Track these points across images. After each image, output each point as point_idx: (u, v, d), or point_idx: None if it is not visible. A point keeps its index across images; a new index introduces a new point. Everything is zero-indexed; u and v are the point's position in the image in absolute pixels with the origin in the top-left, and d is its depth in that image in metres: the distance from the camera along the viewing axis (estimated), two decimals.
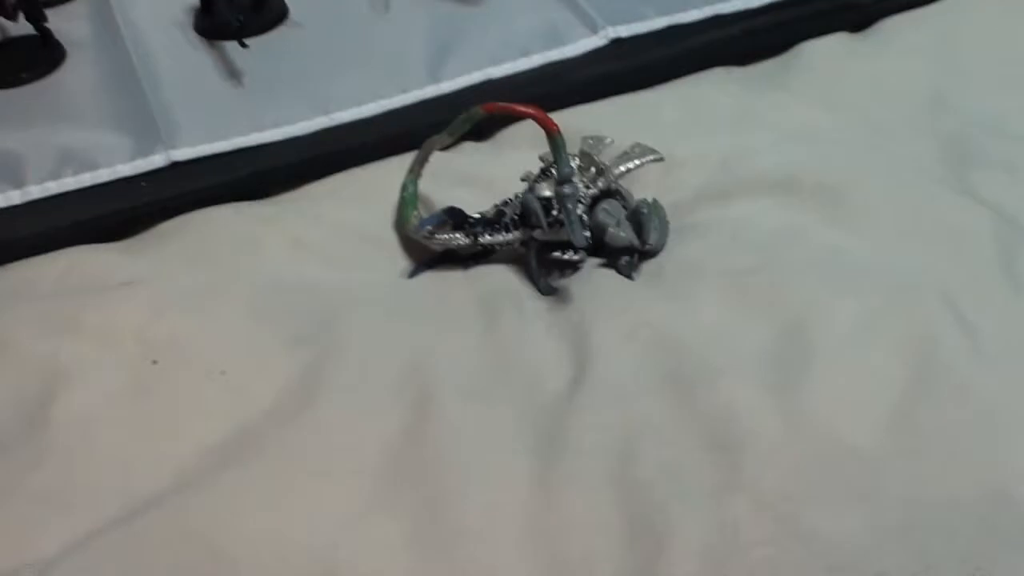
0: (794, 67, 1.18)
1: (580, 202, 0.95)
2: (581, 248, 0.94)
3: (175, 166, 1.09)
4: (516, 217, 0.97)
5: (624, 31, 1.20)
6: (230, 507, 0.80)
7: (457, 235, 0.97)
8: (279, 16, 1.27)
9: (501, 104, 0.95)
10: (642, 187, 1.03)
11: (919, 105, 1.12)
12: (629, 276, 0.96)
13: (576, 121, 1.09)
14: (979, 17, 1.22)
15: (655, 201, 0.99)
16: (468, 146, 1.08)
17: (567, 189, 0.91)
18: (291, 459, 0.83)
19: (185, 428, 0.86)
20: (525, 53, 1.18)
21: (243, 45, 1.16)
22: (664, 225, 0.98)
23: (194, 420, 0.86)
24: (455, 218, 0.98)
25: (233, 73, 1.18)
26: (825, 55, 1.19)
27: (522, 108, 0.92)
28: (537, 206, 0.94)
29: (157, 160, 1.09)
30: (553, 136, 0.91)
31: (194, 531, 0.78)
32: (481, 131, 1.11)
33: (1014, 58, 1.17)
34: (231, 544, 0.78)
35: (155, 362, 0.90)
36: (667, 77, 1.18)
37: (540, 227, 0.95)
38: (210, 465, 0.83)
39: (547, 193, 0.96)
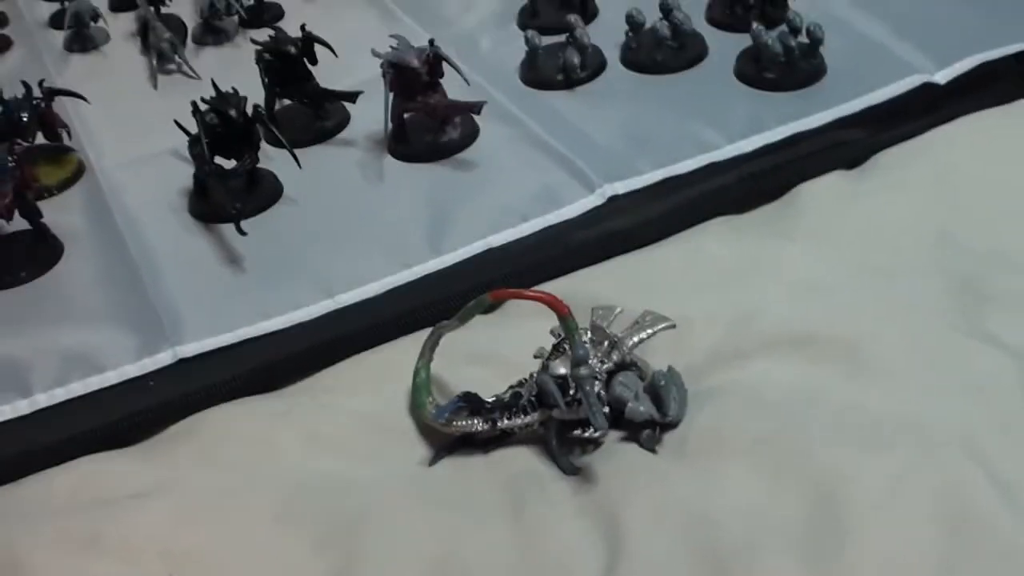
0: (793, 211, 1.18)
1: (596, 379, 0.94)
2: (600, 430, 0.93)
3: (181, 363, 1.08)
4: (533, 398, 0.96)
5: (621, 187, 1.20)
6: None
7: (475, 421, 0.96)
8: (274, 195, 1.27)
9: (510, 291, 0.95)
10: (652, 352, 1.02)
11: (924, 244, 1.11)
12: (652, 450, 0.95)
13: (580, 286, 1.09)
14: (974, 146, 1.22)
15: (671, 369, 0.98)
16: (477, 320, 1.07)
17: (583, 371, 0.91)
18: None
19: None
20: (524, 218, 1.18)
21: (241, 232, 1.16)
22: (683, 393, 0.97)
23: None
24: (471, 403, 0.97)
25: (233, 259, 1.18)
26: (823, 196, 1.19)
27: (532, 294, 0.91)
28: (553, 387, 0.94)
29: (164, 358, 1.08)
30: (565, 320, 0.91)
31: None
32: None
33: (1013, 188, 1.16)
34: None
35: None
36: (667, 231, 1.18)
37: (558, 407, 0.94)
38: None
39: (562, 371, 0.95)
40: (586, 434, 0.95)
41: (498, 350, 1.06)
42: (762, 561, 0.84)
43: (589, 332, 0.99)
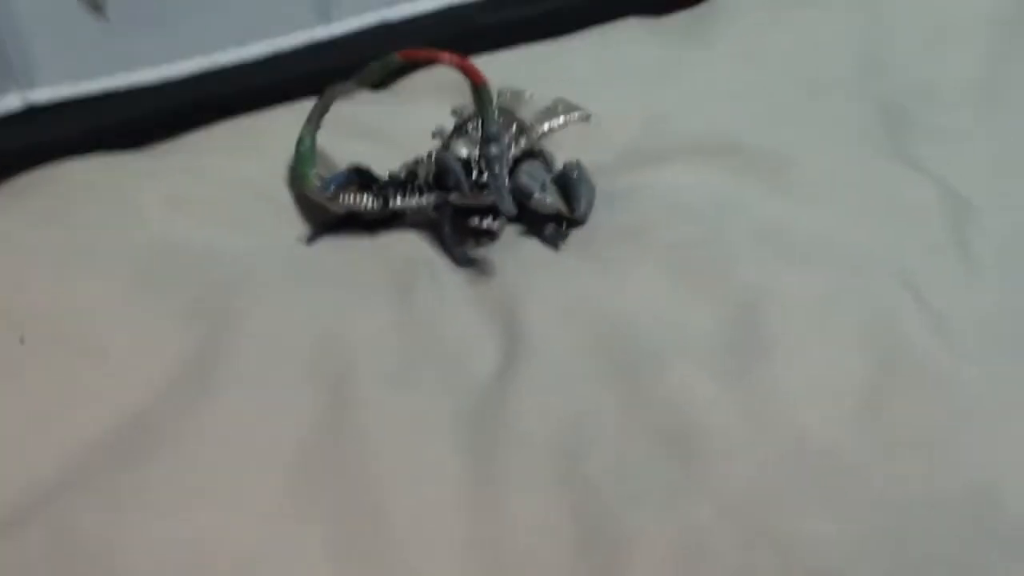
0: (712, 20, 1.11)
1: (505, 161, 0.85)
2: (508, 216, 0.84)
3: (32, 110, 0.96)
4: (430, 179, 0.87)
5: None
6: (124, 512, 0.69)
7: (365, 197, 0.87)
8: None
9: (421, 51, 0.85)
10: (558, 146, 0.94)
11: (850, 65, 1.06)
12: (555, 246, 0.87)
13: (485, 70, 0.98)
14: None
15: (579, 163, 0.90)
16: (367, 96, 0.98)
17: (494, 150, 0.82)
18: (192, 455, 0.72)
19: (65, 417, 0.74)
20: None
21: None
22: (591, 190, 0.90)
23: (75, 407, 0.75)
24: (362, 178, 0.88)
25: (96, 5, 1.05)
26: (744, 7, 1.12)
27: (446, 56, 0.82)
28: (457, 167, 0.85)
29: (11, 102, 0.96)
30: (479, 89, 0.82)
31: (81, 540, 0.67)
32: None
33: (940, 19, 1.11)
34: (126, 557, 0.67)
35: (22, 340, 0.78)
36: (577, 25, 1.10)
37: (460, 191, 0.85)
38: (98, 461, 0.71)
39: (464, 152, 0.87)
40: (484, 223, 0.87)
41: (388, 128, 0.97)
42: (674, 369, 0.78)
43: (497, 114, 0.90)
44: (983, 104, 1.02)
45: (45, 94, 0.96)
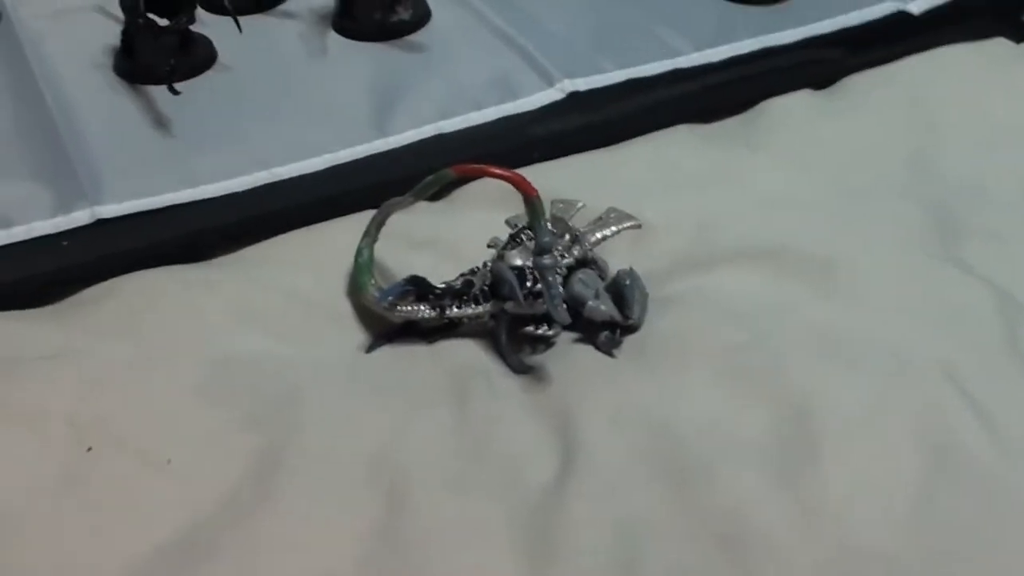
0: (760, 126, 1.12)
1: (558, 271, 0.87)
2: (562, 325, 0.86)
3: (100, 224, 0.98)
4: (486, 288, 0.89)
5: (582, 84, 1.13)
6: None
7: (422, 307, 0.89)
8: (207, 60, 1.18)
9: (474, 166, 0.87)
10: (611, 253, 0.96)
11: (896, 168, 1.07)
12: (610, 353, 0.89)
13: (538, 180, 1.00)
14: (949, 75, 1.18)
15: (632, 271, 0.92)
16: (423, 207, 1.00)
17: (547, 260, 0.84)
18: (252, 564, 0.74)
19: (131, 525, 0.76)
20: (477, 106, 1.11)
21: (174, 91, 1.07)
22: (644, 297, 0.91)
23: (140, 515, 0.76)
24: (419, 288, 0.90)
25: (161, 121, 1.09)
26: (792, 113, 1.13)
27: (499, 171, 0.84)
28: (511, 277, 0.87)
29: (80, 217, 0.98)
30: (532, 202, 0.83)
31: None
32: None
33: (988, 118, 1.12)
34: None
35: (89, 449, 0.80)
36: (628, 134, 1.12)
37: (515, 300, 0.87)
38: (165, 569, 0.73)
39: (518, 262, 0.89)
40: (539, 331, 0.89)
41: (445, 238, 0.99)
42: (726, 475, 0.79)
43: (550, 224, 0.92)
44: None
45: (112, 209, 0.98)
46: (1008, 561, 0.74)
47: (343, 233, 0.97)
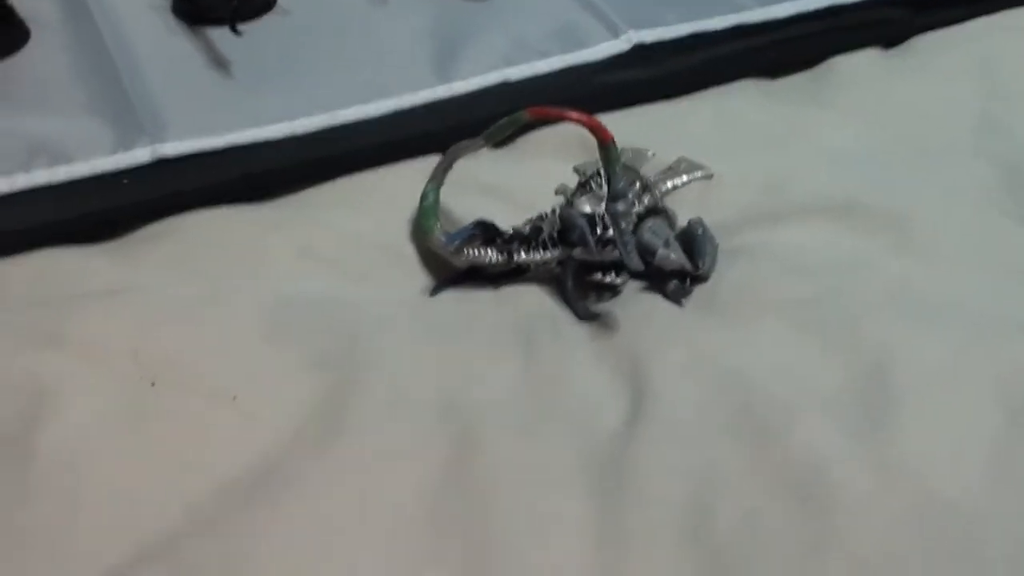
0: (828, 83, 1.11)
1: (630, 218, 0.86)
2: (635, 271, 0.84)
3: (161, 163, 0.97)
4: (555, 234, 0.88)
5: (648, 36, 1.11)
6: (250, 554, 0.70)
7: (489, 251, 0.88)
8: (266, 4, 1.16)
9: (550, 109, 0.85)
10: (679, 203, 0.94)
11: (966, 129, 1.05)
12: (679, 303, 0.87)
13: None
14: (1019, 37, 1.15)
15: (702, 221, 0.90)
16: (487, 154, 0.98)
17: (620, 207, 0.83)
18: (321, 502, 0.73)
19: (196, 461, 0.75)
20: (542, 55, 1.09)
21: (236, 32, 1.06)
22: (715, 247, 0.90)
23: (205, 452, 0.75)
24: (486, 232, 0.88)
25: (221, 62, 1.07)
26: (860, 72, 1.12)
27: (576, 115, 0.82)
28: (583, 223, 0.85)
29: (141, 155, 0.97)
30: (608, 148, 0.82)
31: None
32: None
33: None
34: None
35: (153, 384, 0.79)
36: (693, 87, 1.10)
37: (585, 246, 0.85)
38: (229, 505, 0.72)
39: (588, 209, 0.88)
40: (607, 279, 0.87)
41: (510, 184, 0.98)
42: (802, 426, 0.77)
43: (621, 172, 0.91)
44: None
45: (173, 148, 0.97)
46: None
47: (405, 178, 0.96)
